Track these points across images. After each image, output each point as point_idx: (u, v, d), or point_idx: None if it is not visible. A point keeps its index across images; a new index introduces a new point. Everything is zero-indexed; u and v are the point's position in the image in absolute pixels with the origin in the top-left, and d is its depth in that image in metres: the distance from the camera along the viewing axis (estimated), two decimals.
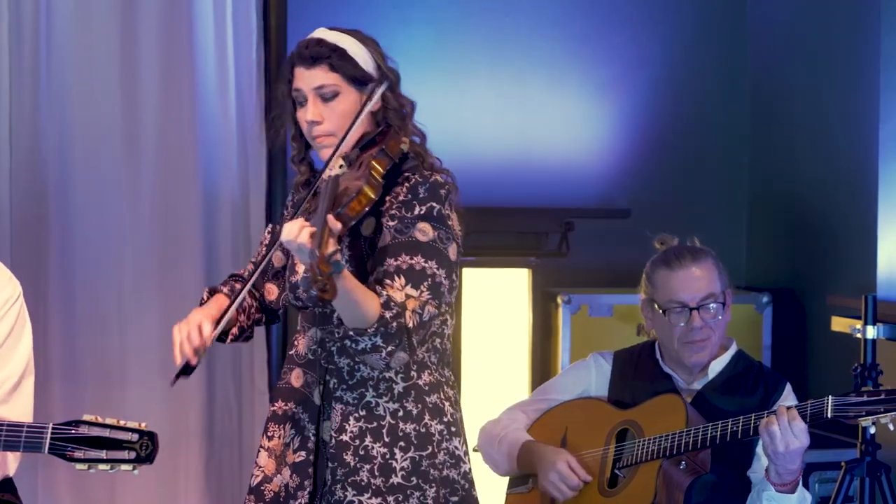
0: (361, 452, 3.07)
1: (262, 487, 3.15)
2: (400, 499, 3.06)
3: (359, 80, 3.10)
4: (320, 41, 3.10)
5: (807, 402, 3.36)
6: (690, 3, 5.64)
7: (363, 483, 3.06)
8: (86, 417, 2.95)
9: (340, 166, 3.02)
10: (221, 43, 4.77)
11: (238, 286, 3.22)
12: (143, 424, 2.96)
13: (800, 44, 5.45)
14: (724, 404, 3.60)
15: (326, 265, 2.75)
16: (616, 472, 3.62)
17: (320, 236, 2.77)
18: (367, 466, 3.07)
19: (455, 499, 3.14)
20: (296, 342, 3.21)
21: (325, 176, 3.01)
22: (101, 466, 2.94)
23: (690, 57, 5.64)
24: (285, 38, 4.88)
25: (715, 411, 3.57)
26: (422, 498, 3.08)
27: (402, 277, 2.99)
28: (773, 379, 3.69)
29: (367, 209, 2.96)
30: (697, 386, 3.68)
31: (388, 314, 2.93)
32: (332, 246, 2.79)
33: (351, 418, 3.08)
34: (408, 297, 2.97)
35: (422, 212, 3.04)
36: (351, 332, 2.95)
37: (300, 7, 4.98)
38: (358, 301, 2.91)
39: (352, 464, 3.07)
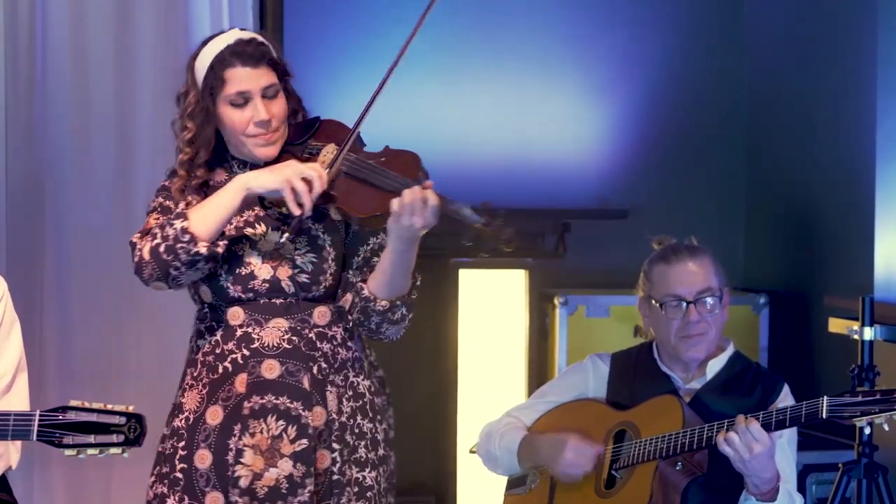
0: (356, 430, 3.18)
1: (254, 486, 3.12)
2: (384, 469, 3.23)
3: (283, 76, 3.19)
4: (257, 40, 3.15)
5: (801, 402, 3.35)
6: (688, 4, 5.64)
7: (363, 459, 3.19)
8: (72, 403, 2.94)
9: (330, 148, 3.16)
10: None
11: None
12: (130, 407, 2.95)
13: (797, 44, 5.45)
14: (721, 405, 3.60)
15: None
16: (613, 473, 3.62)
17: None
18: (363, 443, 3.19)
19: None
20: (252, 334, 3.15)
21: (323, 160, 3.12)
22: (91, 451, 2.93)
23: (687, 57, 5.64)
24: (282, 39, 4.87)
25: (712, 412, 3.56)
26: (393, 464, 3.28)
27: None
28: (770, 379, 3.69)
29: None
30: (696, 385, 3.68)
31: (415, 281, 3.16)
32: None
33: (344, 399, 3.18)
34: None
35: None
36: (398, 302, 3.11)
37: (296, 8, 4.98)
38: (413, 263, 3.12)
39: (352, 443, 3.17)
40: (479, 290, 5.09)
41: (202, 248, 3.03)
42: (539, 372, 5.12)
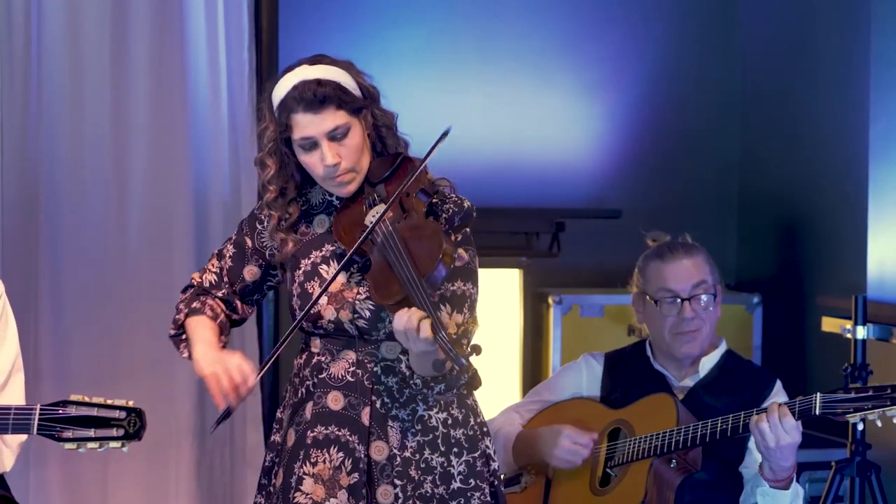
0: (423, 465, 3.11)
1: None
2: (462, 502, 3.12)
3: (358, 109, 3.08)
4: (320, 81, 3.04)
5: (795, 399, 3.37)
6: (681, 3, 5.65)
7: (428, 494, 3.11)
8: (73, 397, 2.95)
9: (380, 209, 3.03)
10: (213, 44, 4.76)
11: (221, 310, 3.21)
12: (130, 402, 2.97)
13: (790, 43, 5.46)
14: (714, 402, 3.62)
15: (460, 345, 2.87)
16: (608, 471, 3.64)
17: (436, 319, 2.85)
18: (430, 478, 3.11)
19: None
20: (323, 363, 3.13)
21: (367, 222, 3.03)
22: (90, 445, 2.94)
23: (681, 57, 5.64)
24: (277, 39, 4.87)
25: (706, 409, 3.58)
26: (482, 497, 3.14)
27: (448, 305, 3.07)
28: (763, 376, 3.71)
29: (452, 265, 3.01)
30: (689, 383, 3.70)
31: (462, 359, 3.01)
32: (452, 327, 2.94)
33: (409, 434, 3.12)
34: (458, 325, 3.04)
35: (458, 238, 3.12)
36: (432, 383, 3.04)
37: (292, 8, 4.98)
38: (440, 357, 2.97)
39: (416, 478, 3.11)
40: None
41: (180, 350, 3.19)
42: (533, 371, 5.13)
